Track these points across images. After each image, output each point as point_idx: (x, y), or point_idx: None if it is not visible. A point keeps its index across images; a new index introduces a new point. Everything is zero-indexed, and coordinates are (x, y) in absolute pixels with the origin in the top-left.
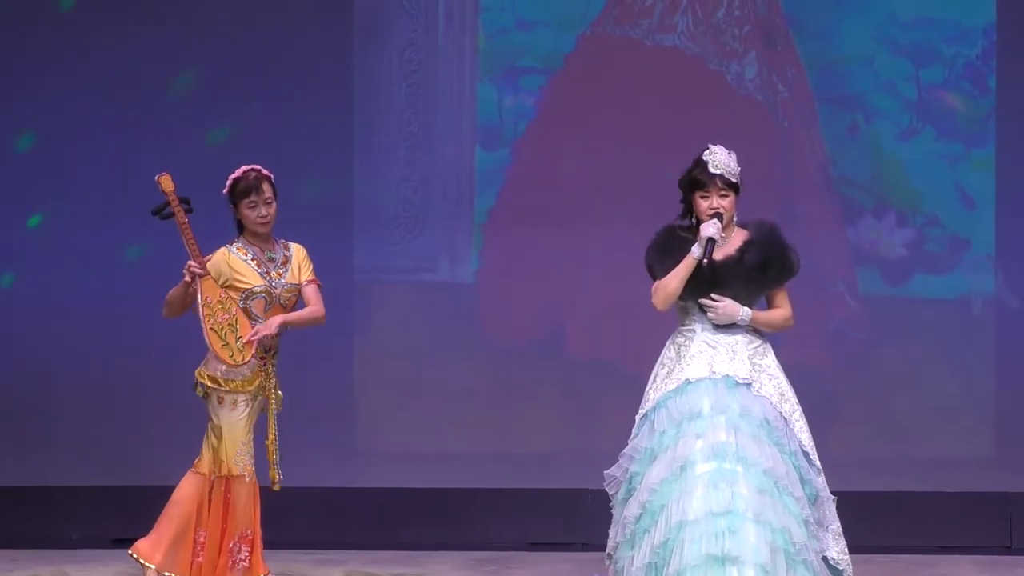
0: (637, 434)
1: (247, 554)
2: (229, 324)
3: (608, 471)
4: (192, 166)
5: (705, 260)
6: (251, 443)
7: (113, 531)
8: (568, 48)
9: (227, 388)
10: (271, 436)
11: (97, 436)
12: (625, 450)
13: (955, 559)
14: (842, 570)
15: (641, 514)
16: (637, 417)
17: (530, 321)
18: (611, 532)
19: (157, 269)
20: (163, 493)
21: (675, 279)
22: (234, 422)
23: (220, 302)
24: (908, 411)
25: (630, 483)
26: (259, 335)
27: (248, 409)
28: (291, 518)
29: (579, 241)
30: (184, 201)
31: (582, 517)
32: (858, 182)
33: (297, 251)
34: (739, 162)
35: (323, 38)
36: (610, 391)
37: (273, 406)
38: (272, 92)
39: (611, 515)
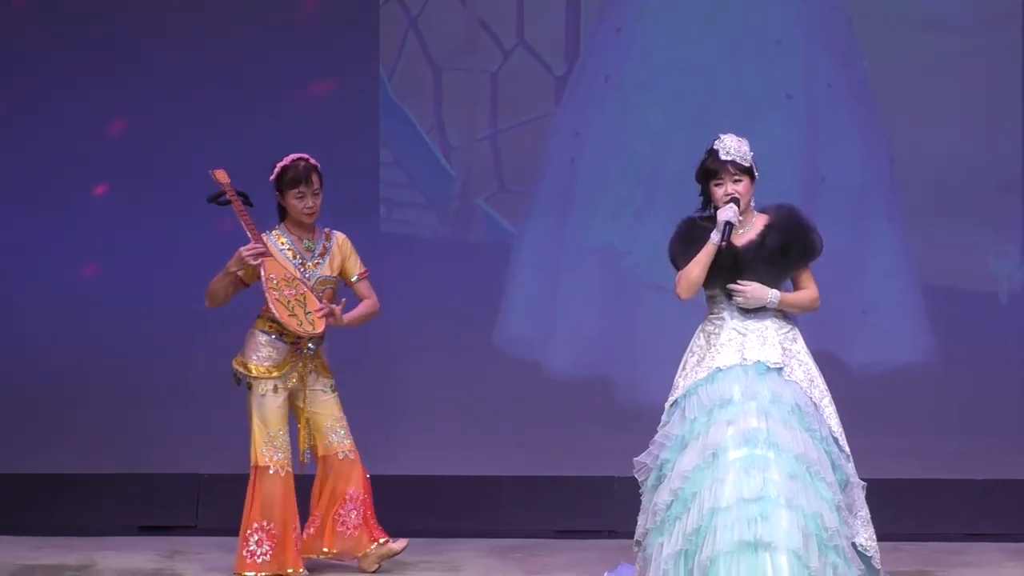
0: (667, 421)
1: (268, 548)
2: (296, 299)
3: (638, 458)
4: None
5: (723, 243)
6: (282, 435)
7: (140, 519)
8: None
9: (255, 374)
10: (302, 420)
11: (124, 424)
12: (655, 437)
13: (983, 546)
14: (870, 556)
15: (672, 501)
16: (666, 404)
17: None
18: (640, 519)
19: (191, 259)
20: (190, 481)
21: (697, 266)
22: (262, 410)
23: (285, 280)
24: (935, 399)
25: (660, 470)
26: (332, 315)
27: (278, 397)
28: None
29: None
30: (241, 195)
31: (610, 505)
32: None
33: (341, 243)
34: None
35: None
36: (638, 378)
37: (320, 387)
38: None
39: (639, 502)
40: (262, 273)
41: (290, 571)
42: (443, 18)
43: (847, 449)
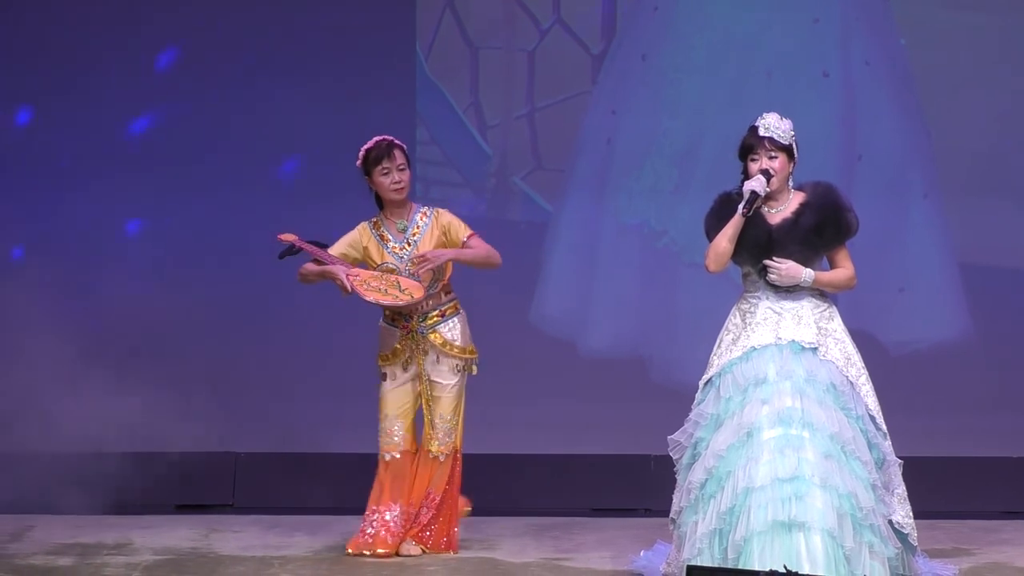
0: (702, 400)
1: (373, 531)
2: (389, 284)
3: (672, 436)
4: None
5: (746, 211)
6: (391, 420)
7: (177, 497)
8: None
9: (380, 364)
10: (425, 403)
11: (163, 402)
12: (690, 415)
13: (1019, 524)
14: (907, 534)
15: (706, 480)
16: (701, 383)
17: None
18: (675, 497)
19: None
20: (226, 459)
21: (723, 238)
22: (381, 398)
23: (373, 276)
24: (972, 377)
25: (695, 448)
26: (425, 259)
27: (394, 384)
28: (352, 484)
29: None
30: (313, 242)
31: (646, 483)
32: None
33: (439, 216)
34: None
35: None
36: (674, 356)
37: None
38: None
39: (675, 481)
40: (348, 286)
41: (380, 551)
42: None
43: (884, 427)
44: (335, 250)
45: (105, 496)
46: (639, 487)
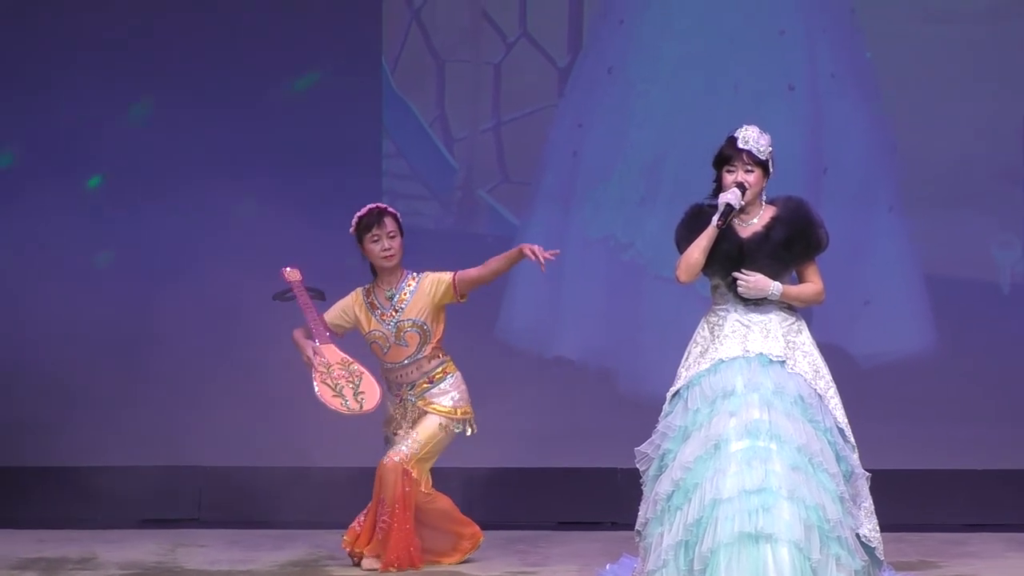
0: (670, 412)
1: None
2: (348, 379)
3: (639, 448)
4: None
5: (721, 223)
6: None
7: (143, 511)
8: None
9: (383, 428)
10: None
11: (127, 417)
12: (657, 427)
13: (985, 536)
14: (874, 547)
15: (673, 491)
16: (668, 395)
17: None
18: (641, 509)
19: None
20: (192, 473)
21: (696, 249)
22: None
23: (339, 363)
24: (938, 389)
25: (662, 460)
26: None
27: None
28: (319, 498)
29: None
30: (312, 290)
31: (612, 496)
32: None
33: (424, 280)
34: None
35: None
36: (640, 369)
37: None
38: None
39: (642, 493)
40: (315, 362)
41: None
42: (446, 10)
43: (852, 440)
44: (330, 315)
45: (69, 509)
46: (606, 500)
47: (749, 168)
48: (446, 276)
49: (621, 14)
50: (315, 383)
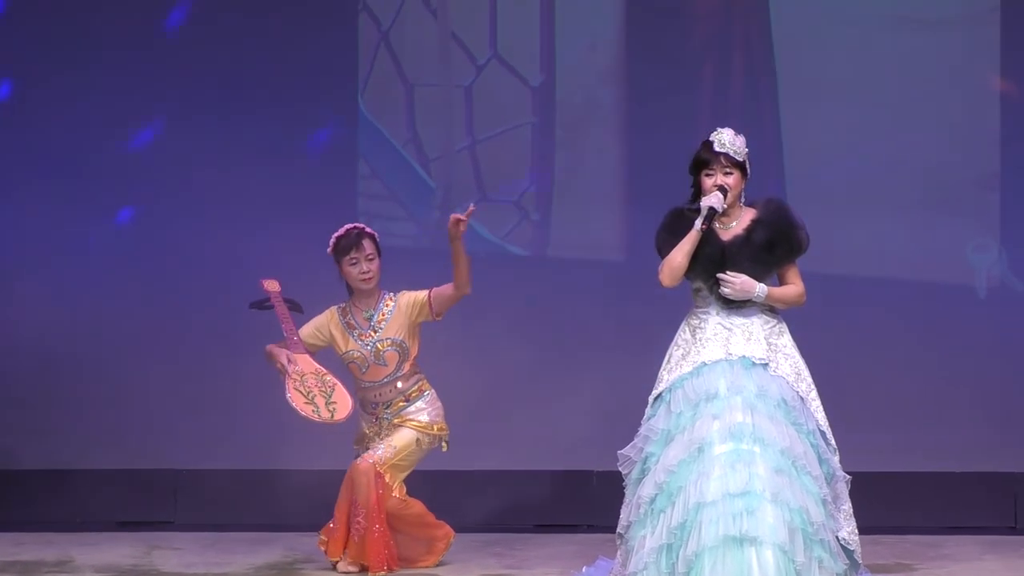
0: (653, 415)
1: None
2: (321, 389)
3: (622, 451)
4: None
5: (704, 226)
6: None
7: (118, 514)
8: None
9: (354, 445)
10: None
11: (103, 420)
12: (640, 430)
13: (961, 539)
14: (852, 550)
15: (656, 495)
16: (651, 397)
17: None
18: (623, 512)
19: (172, 256)
20: (168, 476)
21: (679, 252)
22: None
23: (313, 374)
24: (914, 392)
25: (644, 463)
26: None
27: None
28: (293, 501)
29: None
30: (289, 301)
31: (588, 499)
32: None
33: (402, 299)
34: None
35: None
36: (618, 374)
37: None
38: None
39: (618, 497)
40: (289, 369)
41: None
42: (415, 32)
43: (834, 443)
44: (304, 332)
45: (46, 512)
46: (581, 503)
47: (728, 171)
48: (421, 295)
49: (593, 40)
50: (288, 389)
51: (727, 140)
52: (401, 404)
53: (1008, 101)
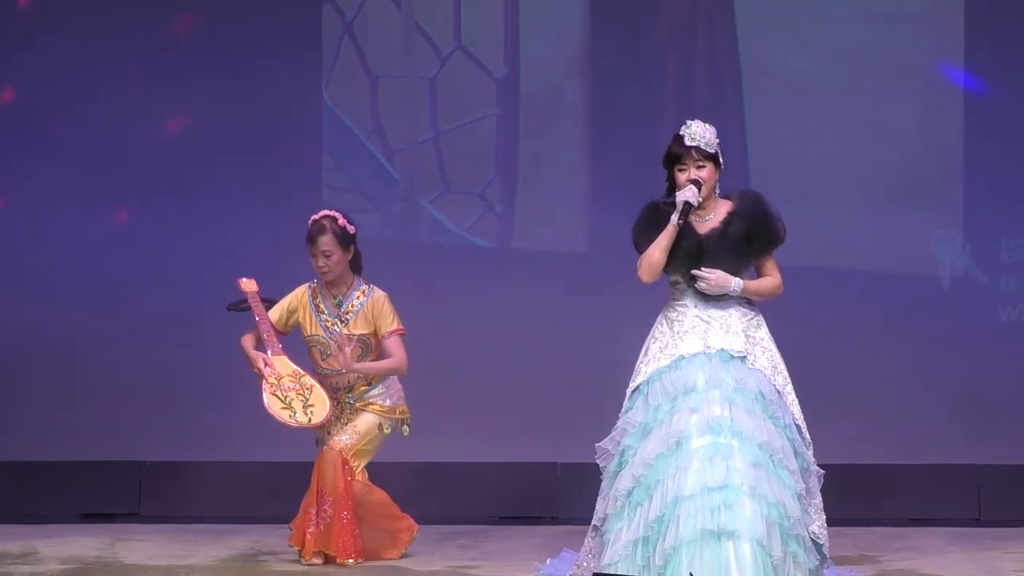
0: (630, 407)
1: None
2: (298, 392)
3: (600, 443)
4: None
5: (680, 221)
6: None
7: (82, 506)
8: None
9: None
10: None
11: (67, 411)
12: (618, 423)
13: (925, 531)
14: (822, 544)
15: (634, 487)
16: (628, 390)
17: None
18: (599, 504)
19: (138, 248)
20: (132, 468)
21: (657, 249)
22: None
23: (290, 376)
24: (878, 384)
25: (622, 456)
26: (341, 351)
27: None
28: (258, 493)
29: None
30: (267, 301)
31: (552, 491)
32: None
33: (376, 300)
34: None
35: None
36: (581, 365)
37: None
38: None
39: (582, 488)
40: (266, 373)
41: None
42: (379, 23)
43: (808, 437)
44: (274, 314)
45: (9, 505)
46: (545, 495)
47: (700, 164)
48: (387, 324)
49: (558, 29)
50: (264, 394)
51: (697, 133)
52: (363, 388)
53: (971, 95)
